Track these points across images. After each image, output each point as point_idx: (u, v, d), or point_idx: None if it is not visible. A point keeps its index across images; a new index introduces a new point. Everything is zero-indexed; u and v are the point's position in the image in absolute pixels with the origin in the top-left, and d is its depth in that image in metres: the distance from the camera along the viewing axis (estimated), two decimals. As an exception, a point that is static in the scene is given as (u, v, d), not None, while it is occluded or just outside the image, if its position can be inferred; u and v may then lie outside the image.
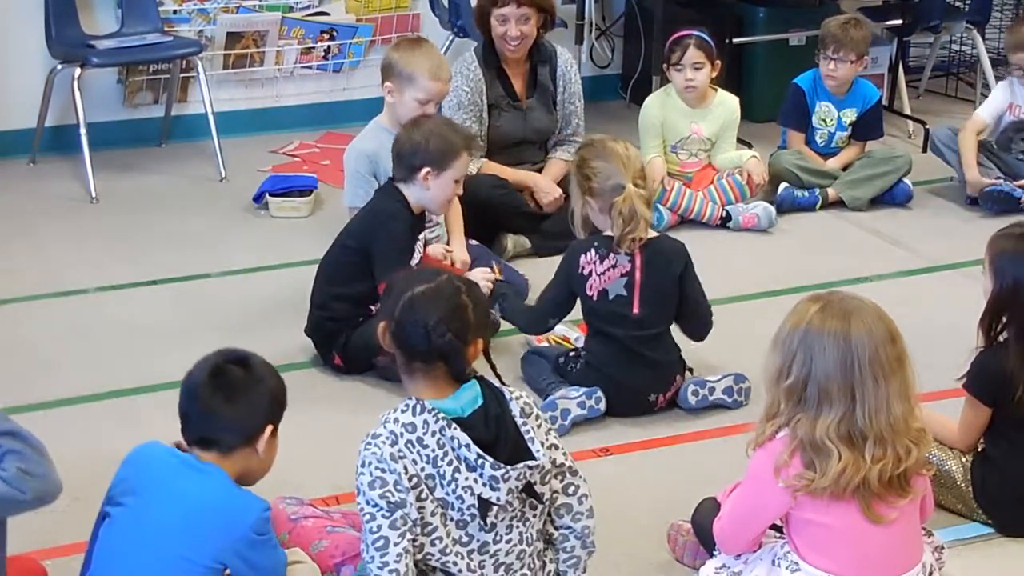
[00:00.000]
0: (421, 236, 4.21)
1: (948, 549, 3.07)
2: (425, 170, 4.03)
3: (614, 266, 3.85)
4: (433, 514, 2.69)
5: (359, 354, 4.04)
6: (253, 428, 2.72)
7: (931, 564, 2.93)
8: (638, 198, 3.78)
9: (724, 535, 2.97)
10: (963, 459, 3.40)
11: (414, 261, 4.12)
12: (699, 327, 3.99)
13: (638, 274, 3.85)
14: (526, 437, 2.71)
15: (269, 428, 2.73)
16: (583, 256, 3.87)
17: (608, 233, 3.86)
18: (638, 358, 3.88)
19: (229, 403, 2.69)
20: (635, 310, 3.86)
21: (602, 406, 3.88)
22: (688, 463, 3.70)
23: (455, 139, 4.08)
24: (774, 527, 2.95)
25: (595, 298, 3.87)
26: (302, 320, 4.24)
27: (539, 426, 2.77)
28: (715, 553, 3.05)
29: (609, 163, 3.83)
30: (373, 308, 4.04)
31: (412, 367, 2.74)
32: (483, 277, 4.31)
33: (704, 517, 3.09)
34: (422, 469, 2.66)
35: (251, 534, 2.67)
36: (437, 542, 2.70)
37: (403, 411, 2.69)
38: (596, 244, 3.86)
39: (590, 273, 3.86)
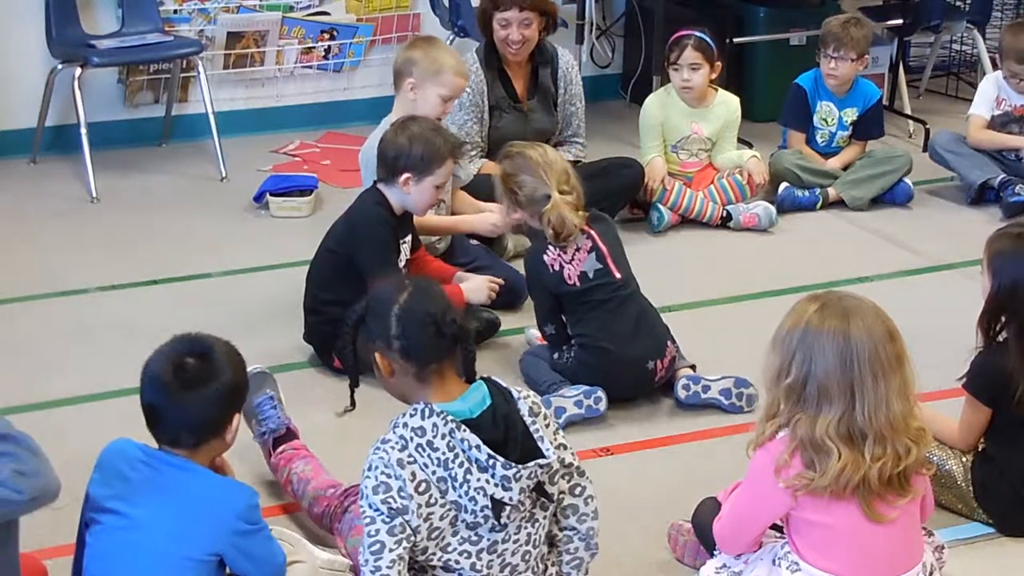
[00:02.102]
0: (408, 238, 4.20)
1: (948, 549, 3.07)
2: (405, 175, 4.02)
3: (578, 248, 3.94)
4: (443, 518, 2.68)
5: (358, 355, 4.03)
6: (221, 424, 2.74)
7: (931, 564, 2.93)
8: (564, 206, 3.89)
9: (724, 535, 2.97)
10: (963, 459, 3.40)
11: (401, 262, 4.12)
12: None
13: (601, 245, 3.94)
14: (535, 436, 2.71)
15: (237, 417, 2.76)
16: (546, 256, 3.93)
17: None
18: (629, 321, 3.92)
19: (196, 407, 2.69)
20: (616, 275, 3.94)
21: (601, 406, 3.88)
22: (688, 463, 3.70)
23: (440, 145, 4.05)
24: (774, 527, 2.95)
25: (578, 283, 3.91)
26: (301, 320, 4.24)
27: (547, 425, 2.77)
28: (715, 553, 3.04)
29: (532, 175, 3.93)
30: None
31: (426, 373, 2.73)
32: (486, 281, 4.29)
33: (705, 517, 3.09)
34: (433, 473, 2.65)
35: (240, 523, 2.68)
36: (442, 542, 2.70)
37: (411, 415, 2.68)
38: (550, 243, 3.94)
39: (561, 266, 3.91)
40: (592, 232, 3.95)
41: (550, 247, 3.92)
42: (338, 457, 3.58)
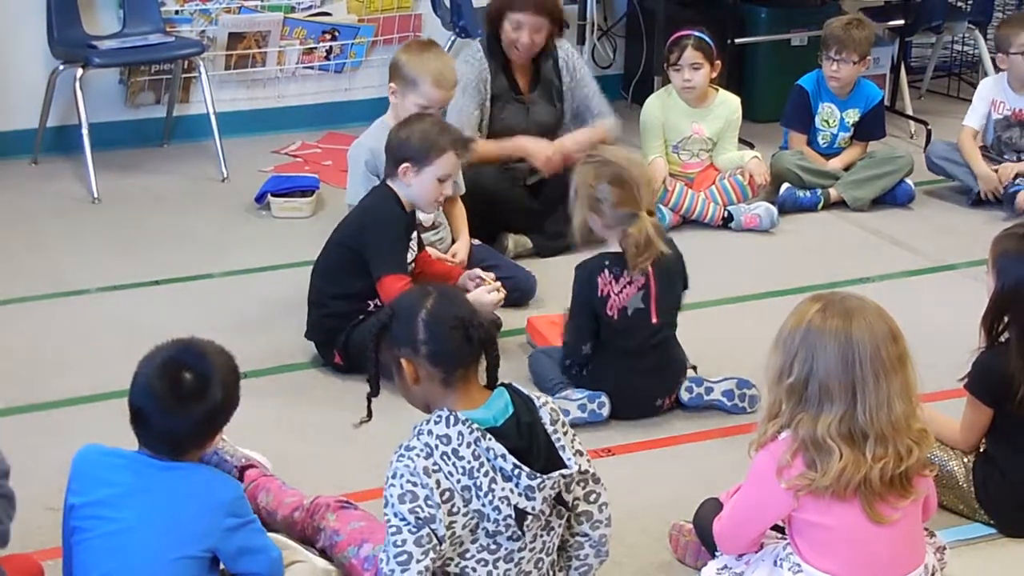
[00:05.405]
0: (414, 235, 4.20)
1: (950, 549, 3.07)
2: (405, 165, 4.02)
3: (630, 282, 3.83)
4: (465, 527, 2.66)
5: (359, 351, 4.03)
6: (205, 439, 2.76)
7: (933, 565, 2.93)
8: (653, 228, 3.78)
9: (725, 535, 2.97)
10: (965, 459, 3.40)
11: (408, 259, 4.12)
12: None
13: (653, 286, 3.84)
14: (557, 445, 2.70)
15: (220, 433, 2.76)
16: (599, 278, 3.83)
17: (615, 250, 3.83)
18: (647, 366, 3.87)
19: (184, 424, 2.69)
20: (654, 320, 3.85)
21: (605, 411, 3.86)
22: (689, 463, 3.70)
23: (440, 138, 4.04)
24: (775, 528, 2.95)
25: (615, 317, 3.83)
26: (303, 320, 4.23)
27: (565, 432, 2.76)
28: (717, 554, 3.04)
29: (624, 191, 3.78)
30: (371, 304, 4.05)
31: (452, 379, 2.70)
32: (494, 303, 4.23)
33: (706, 517, 3.09)
34: (458, 481, 2.62)
35: (228, 518, 2.68)
36: (460, 549, 2.68)
37: (436, 422, 2.65)
38: (607, 263, 3.83)
39: (609, 294, 3.83)
40: (650, 270, 3.83)
41: (606, 269, 3.82)
42: (338, 458, 3.58)
